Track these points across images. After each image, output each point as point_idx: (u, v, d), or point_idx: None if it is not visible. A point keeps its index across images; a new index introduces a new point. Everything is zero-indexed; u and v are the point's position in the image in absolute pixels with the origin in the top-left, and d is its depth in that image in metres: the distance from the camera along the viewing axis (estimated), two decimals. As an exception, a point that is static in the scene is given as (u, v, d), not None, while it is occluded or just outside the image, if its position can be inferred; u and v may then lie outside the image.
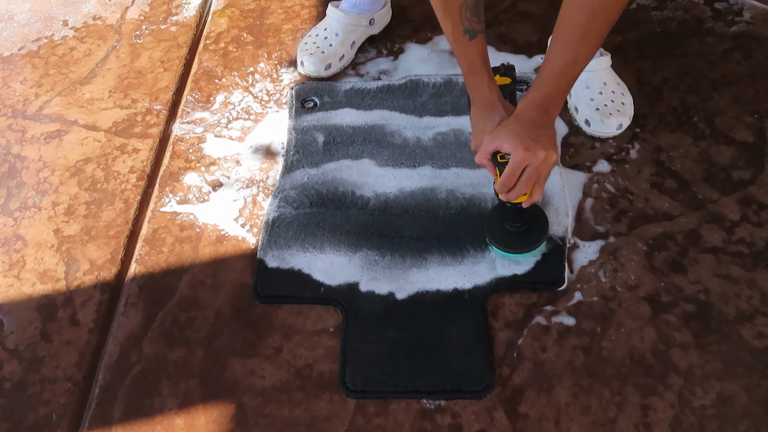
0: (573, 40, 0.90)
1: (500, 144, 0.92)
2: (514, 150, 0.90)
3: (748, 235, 1.12)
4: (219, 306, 1.07)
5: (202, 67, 1.43)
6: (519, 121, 0.92)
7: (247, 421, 0.96)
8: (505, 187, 0.94)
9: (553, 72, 0.92)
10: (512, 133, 0.91)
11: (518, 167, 0.91)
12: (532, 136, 0.90)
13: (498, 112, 0.99)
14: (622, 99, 1.26)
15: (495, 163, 0.95)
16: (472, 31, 0.97)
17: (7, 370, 1.02)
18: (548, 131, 0.93)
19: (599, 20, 0.88)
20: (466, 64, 1.00)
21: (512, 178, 0.93)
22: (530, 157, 0.90)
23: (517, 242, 1.07)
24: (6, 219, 1.20)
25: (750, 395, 0.95)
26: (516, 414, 0.95)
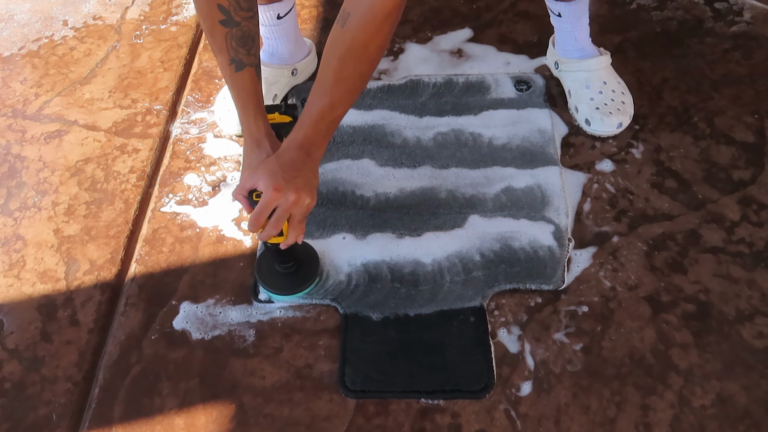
0: (328, 85, 0.90)
1: (256, 182, 0.91)
2: (265, 189, 0.89)
3: (748, 235, 1.12)
4: (218, 305, 1.07)
5: (202, 67, 1.43)
6: (278, 161, 0.91)
7: (247, 421, 0.96)
8: (253, 226, 0.92)
9: (312, 115, 0.92)
10: (268, 172, 0.90)
11: (266, 207, 0.90)
12: (287, 177, 0.89)
13: (264, 149, 0.97)
14: (622, 98, 1.26)
15: (250, 201, 0.93)
16: (239, 62, 0.96)
17: (7, 370, 1.02)
18: (306, 173, 0.91)
19: (349, 68, 0.89)
20: (234, 96, 0.98)
21: (259, 218, 0.91)
22: (279, 198, 0.89)
23: (284, 283, 1.05)
24: (6, 219, 1.20)
25: (750, 395, 0.95)
26: (516, 414, 0.95)
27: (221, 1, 0.93)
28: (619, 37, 1.42)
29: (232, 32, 0.95)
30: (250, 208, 0.93)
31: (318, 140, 0.93)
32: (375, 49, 0.89)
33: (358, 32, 0.87)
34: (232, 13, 0.94)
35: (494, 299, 1.06)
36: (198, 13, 0.97)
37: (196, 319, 1.06)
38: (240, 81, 0.97)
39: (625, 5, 1.50)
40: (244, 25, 0.96)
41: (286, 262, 1.04)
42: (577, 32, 1.27)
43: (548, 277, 1.07)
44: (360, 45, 0.88)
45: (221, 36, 0.95)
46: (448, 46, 1.43)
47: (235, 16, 0.95)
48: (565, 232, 1.12)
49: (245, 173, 0.94)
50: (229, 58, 0.96)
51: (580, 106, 1.27)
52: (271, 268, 1.06)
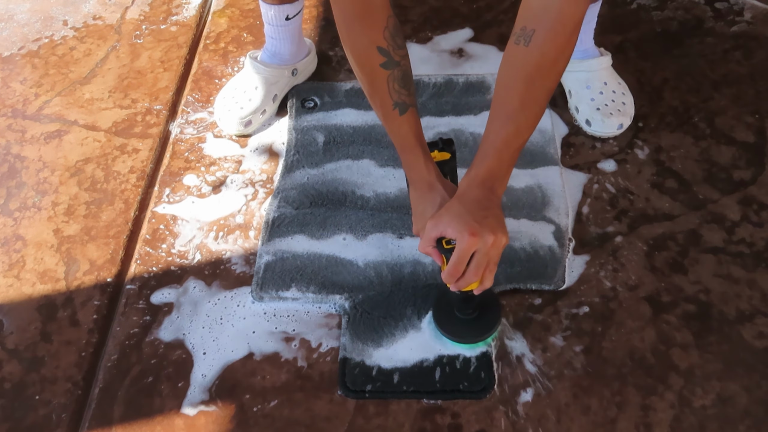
0: (512, 110, 0.84)
1: (444, 229, 0.84)
2: (459, 236, 0.82)
3: (748, 235, 1.12)
4: (218, 305, 1.07)
5: (202, 67, 1.43)
6: (462, 203, 0.85)
7: (247, 421, 0.96)
8: (453, 277, 0.86)
9: (495, 146, 0.86)
10: (456, 216, 0.83)
11: (466, 255, 0.83)
12: (478, 219, 0.83)
13: (438, 192, 0.92)
14: (623, 99, 1.26)
15: (441, 250, 0.87)
16: (402, 104, 0.92)
17: (7, 370, 1.02)
18: (495, 211, 0.85)
19: (537, 87, 0.84)
20: (398, 141, 0.94)
21: (460, 267, 0.84)
22: (478, 243, 0.82)
23: (467, 331, 0.99)
24: (6, 219, 1.20)
25: (750, 395, 0.95)
26: (516, 414, 0.95)
27: (380, 42, 0.88)
28: (619, 37, 1.42)
29: (393, 74, 0.90)
30: (442, 257, 0.87)
31: (502, 173, 0.87)
32: (564, 64, 0.84)
33: (548, 47, 0.81)
34: (392, 53, 0.89)
35: (494, 299, 1.06)
36: (354, 59, 0.91)
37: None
38: (406, 124, 0.92)
39: (625, 5, 1.50)
40: (403, 64, 0.91)
41: (468, 311, 0.97)
42: (584, 35, 1.26)
43: (549, 277, 1.07)
44: (550, 61, 0.82)
45: (383, 80, 0.90)
46: (449, 46, 1.43)
47: (395, 55, 0.90)
48: (565, 232, 1.12)
49: (429, 222, 0.86)
50: (392, 102, 0.91)
51: (580, 107, 1.27)
52: (450, 314, 0.98)
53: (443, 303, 1.01)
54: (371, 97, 0.94)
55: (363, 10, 0.89)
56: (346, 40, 0.91)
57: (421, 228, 0.90)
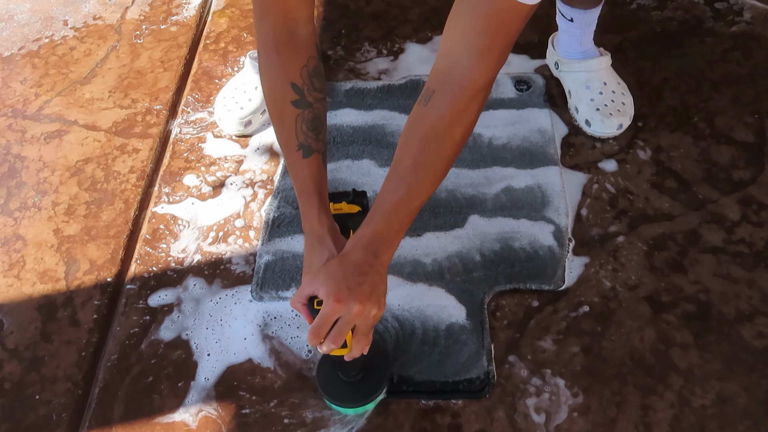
0: (405, 172, 0.81)
1: (317, 289, 0.79)
2: (325, 299, 0.78)
3: (748, 235, 1.12)
4: (219, 305, 1.07)
5: (202, 67, 1.43)
6: (341, 265, 0.80)
7: (247, 421, 0.96)
8: (313, 340, 0.79)
9: (384, 208, 0.81)
10: (330, 278, 0.78)
11: (326, 320, 0.78)
12: (351, 285, 0.77)
13: (327, 247, 0.86)
14: (623, 99, 1.26)
15: (310, 310, 0.81)
16: (308, 147, 0.88)
17: (7, 370, 1.02)
18: (372, 278, 0.79)
19: (431, 151, 0.80)
20: (297, 185, 0.90)
21: (320, 331, 0.78)
22: (341, 310, 0.77)
23: (349, 394, 0.92)
24: (6, 219, 1.20)
25: (750, 395, 0.95)
26: (516, 414, 0.95)
27: (295, 79, 0.86)
28: (619, 37, 1.42)
29: (303, 114, 0.88)
30: (310, 317, 0.81)
31: (389, 238, 0.82)
32: (461, 131, 0.81)
33: (444, 110, 0.79)
34: (306, 92, 0.88)
35: (494, 299, 1.06)
36: (267, 91, 0.90)
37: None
38: (307, 168, 0.89)
39: (625, 5, 1.50)
40: (315, 107, 0.89)
41: (351, 372, 0.91)
42: (584, 37, 1.27)
43: (548, 277, 1.07)
44: (445, 125, 0.80)
45: (291, 118, 0.88)
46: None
47: (308, 96, 0.88)
48: (565, 232, 1.12)
49: (305, 277, 0.84)
50: (297, 143, 0.88)
51: (580, 107, 1.27)
52: (333, 375, 0.93)
53: (326, 364, 0.94)
54: (278, 134, 0.91)
55: (284, 44, 0.88)
56: (263, 70, 0.90)
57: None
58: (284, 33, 0.88)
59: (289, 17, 0.88)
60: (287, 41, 0.88)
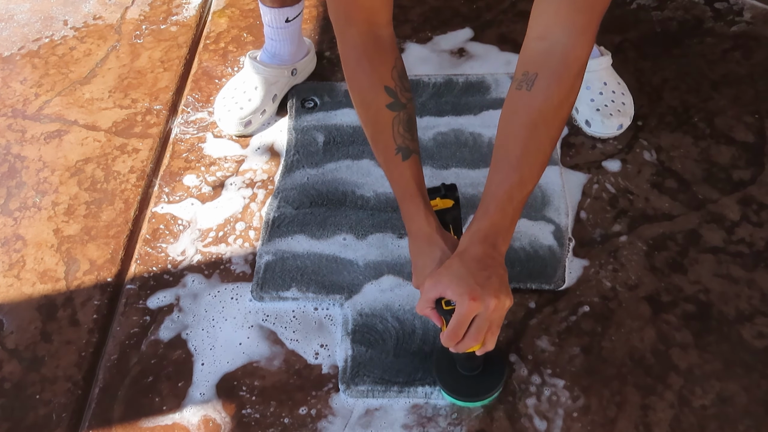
0: (515, 160, 0.79)
1: (443, 290, 0.79)
2: (459, 299, 0.77)
3: (748, 235, 1.12)
4: (219, 306, 1.07)
5: (202, 67, 1.43)
6: (463, 262, 0.79)
7: (248, 421, 0.96)
8: (452, 341, 0.80)
9: (498, 198, 0.80)
10: (456, 278, 0.77)
11: (466, 319, 0.78)
12: (480, 281, 0.77)
13: (438, 246, 0.85)
14: (623, 99, 1.26)
15: (440, 312, 0.81)
16: (406, 149, 0.87)
17: (7, 370, 1.02)
18: (498, 270, 0.79)
19: (541, 135, 0.79)
20: (399, 189, 0.89)
21: (459, 332, 0.79)
22: (479, 307, 0.77)
23: (470, 389, 0.94)
24: (6, 219, 1.20)
25: (750, 395, 0.95)
26: (516, 414, 0.95)
27: (387, 82, 0.85)
28: (619, 37, 1.42)
29: (399, 116, 0.87)
30: (441, 319, 0.82)
31: (505, 228, 0.81)
32: (567, 109, 0.80)
33: (552, 92, 0.78)
34: (399, 94, 0.86)
35: (494, 299, 1.06)
36: (360, 99, 0.88)
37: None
38: (408, 170, 0.87)
39: (625, 5, 1.50)
40: (408, 108, 0.88)
41: (473, 367, 0.93)
42: None
43: (548, 276, 1.07)
44: (554, 106, 0.79)
45: (387, 122, 0.86)
46: (449, 46, 1.43)
47: (402, 97, 0.87)
48: (565, 232, 1.12)
49: (427, 282, 0.81)
50: (395, 146, 0.87)
51: (580, 107, 1.27)
52: (453, 370, 0.94)
53: (444, 360, 0.95)
54: (373, 140, 0.90)
55: (372, 49, 0.87)
56: (353, 78, 0.89)
57: (421, 284, 0.84)
58: (371, 38, 0.87)
59: (373, 21, 0.87)
60: (375, 46, 0.87)
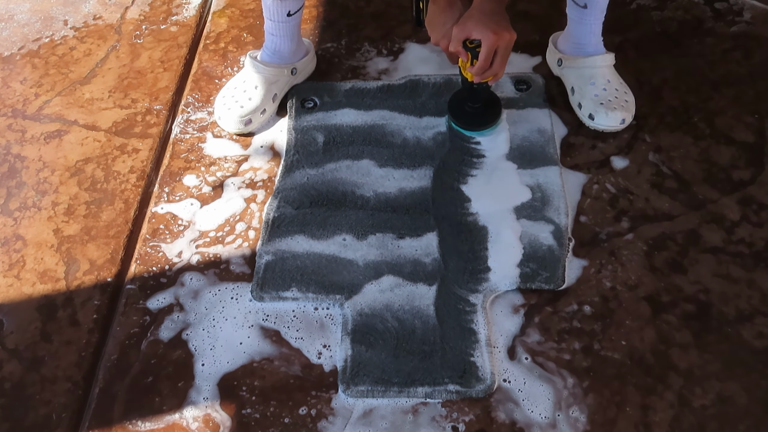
0: None
1: (470, 32, 1.08)
2: (484, 35, 1.06)
3: (748, 235, 1.12)
4: (219, 306, 1.07)
5: (202, 67, 1.43)
6: (481, 12, 1.07)
7: (247, 421, 0.96)
8: (482, 69, 1.10)
9: None
10: (479, 22, 1.07)
11: (491, 49, 1.07)
12: (496, 21, 1.06)
13: (457, 6, 1.12)
14: (626, 97, 1.27)
15: (466, 49, 1.10)
16: None
17: (7, 370, 1.02)
18: (504, 15, 1.09)
19: None
20: None
21: (488, 59, 1.09)
22: (499, 40, 1.06)
23: (477, 121, 1.25)
24: (6, 219, 1.20)
25: (750, 395, 0.95)
26: (516, 414, 0.95)
27: None
28: (619, 37, 1.42)
29: None
30: (467, 54, 1.11)
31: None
32: None
33: None
34: None
35: (494, 299, 1.06)
36: None
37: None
38: None
39: (625, 5, 1.50)
40: None
41: (479, 102, 1.24)
42: (596, 26, 1.26)
43: (548, 276, 1.07)
44: None
45: None
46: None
47: None
48: (565, 232, 1.12)
49: (456, 28, 1.09)
50: None
51: (583, 102, 1.27)
52: (462, 107, 1.25)
53: (455, 101, 1.27)
54: None
55: None
56: None
57: (442, 36, 1.13)
58: None
59: None
60: None
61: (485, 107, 1.25)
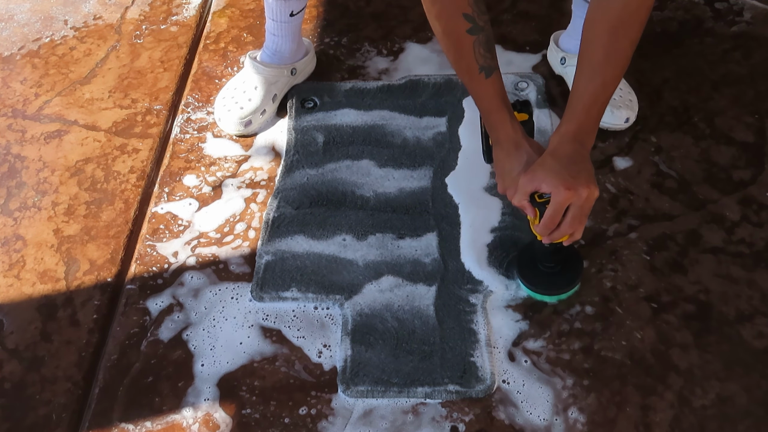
0: (597, 65, 0.88)
1: (539, 184, 0.90)
2: (555, 190, 0.87)
3: (748, 235, 1.12)
4: (219, 306, 1.07)
5: (202, 67, 1.43)
6: (555, 158, 0.89)
7: (247, 421, 0.96)
8: (548, 229, 0.92)
9: (583, 101, 0.90)
10: (550, 172, 0.88)
11: (561, 207, 0.89)
12: (572, 174, 0.87)
13: (525, 150, 0.96)
14: (629, 96, 1.27)
15: (534, 204, 0.93)
16: (489, 68, 0.95)
17: (7, 370, 1.02)
18: (586, 165, 0.90)
19: (621, 39, 0.87)
20: (484, 104, 0.97)
21: (555, 220, 0.90)
22: (573, 197, 0.87)
23: (551, 283, 1.04)
24: (6, 219, 1.20)
25: (750, 395, 0.95)
26: (516, 414, 0.95)
27: (465, 9, 0.91)
28: (619, 37, 1.42)
29: (479, 39, 0.93)
30: (534, 210, 0.93)
31: (591, 127, 0.92)
32: (645, 10, 0.87)
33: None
34: (477, 18, 0.92)
35: (494, 299, 1.06)
36: (441, 27, 0.94)
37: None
38: (491, 87, 0.95)
39: (625, 5, 1.50)
40: (486, 29, 0.94)
41: (552, 264, 1.02)
42: None
43: (548, 277, 1.07)
44: (632, 10, 0.86)
45: (469, 45, 0.93)
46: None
47: (479, 21, 0.93)
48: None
49: (524, 177, 0.92)
50: (478, 66, 0.94)
51: (587, 102, 1.25)
52: (533, 266, 1.04)
53: (526, 258, 1.05)
54: (457, 64, 0.96)
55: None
56: (432, 9, 0.93)
57: (510, 185, 0.96)
58: None
59: None
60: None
61: (563, 267, 1.04)
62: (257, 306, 1.07)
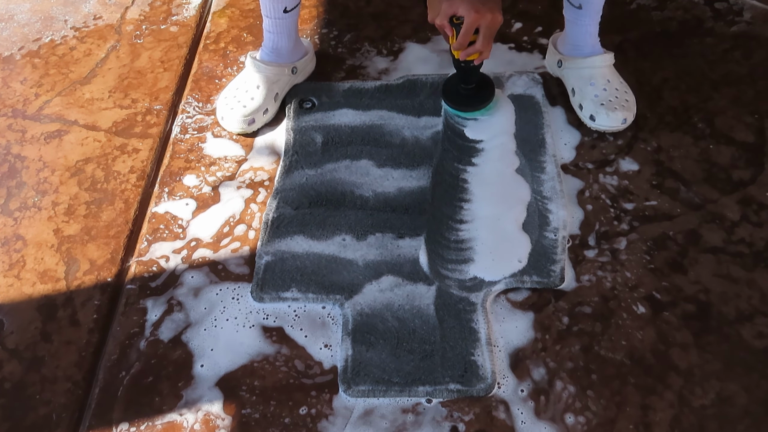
0: None
1: (456, 8, 1.10)
2: (467, 13, 1.09)
3: (748, 235, 1.12)
4: (219, 306, 1.07)
5: (202, 67, 1.43)
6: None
7: (247, 421, 0.96)
8: (462, 45, 1.13)
9: None
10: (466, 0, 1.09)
11: (471, 27, 1.10)
12: (482, 1, 1.08)
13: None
14: (626, 96, 1.27)
15: (452, 25, 1.13)
16: None
17: (7, 370, 1.02)
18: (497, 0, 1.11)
19: None
20: None
21: (467, 36, 1.11)
22: (480, 19, 1.08)
23: (469, 102, 1.27)
24: (6, 219, 1.20)
25: (750, 395, 0.95)
26: (516, 414, 0.95)
27: None
28: (619, 37, 1.42)
29: None
30: (453, 29, 1.13)
31: None
32: None
33: None
34: None
35: (494, 299, 1.06)
36: None
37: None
38: None
39: (625, 5, 1.50)
40: None
41: (472, 82, 1.25)
42: (593, 27, 1.27)
43: (548, 275, 1.07)
44: None
45: None
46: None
47: None
48: (564, 232, 1.12)
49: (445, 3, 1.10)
50: None
51: (584, 103, 1.27)
52: (455, 89, 1.27)
53: (449, 85, 1.29)
54: None
55: None
56: None
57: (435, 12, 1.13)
58: None
59: None
60: None
61: (478, 88, 1.27)
62: (257, 306, 1.07)
